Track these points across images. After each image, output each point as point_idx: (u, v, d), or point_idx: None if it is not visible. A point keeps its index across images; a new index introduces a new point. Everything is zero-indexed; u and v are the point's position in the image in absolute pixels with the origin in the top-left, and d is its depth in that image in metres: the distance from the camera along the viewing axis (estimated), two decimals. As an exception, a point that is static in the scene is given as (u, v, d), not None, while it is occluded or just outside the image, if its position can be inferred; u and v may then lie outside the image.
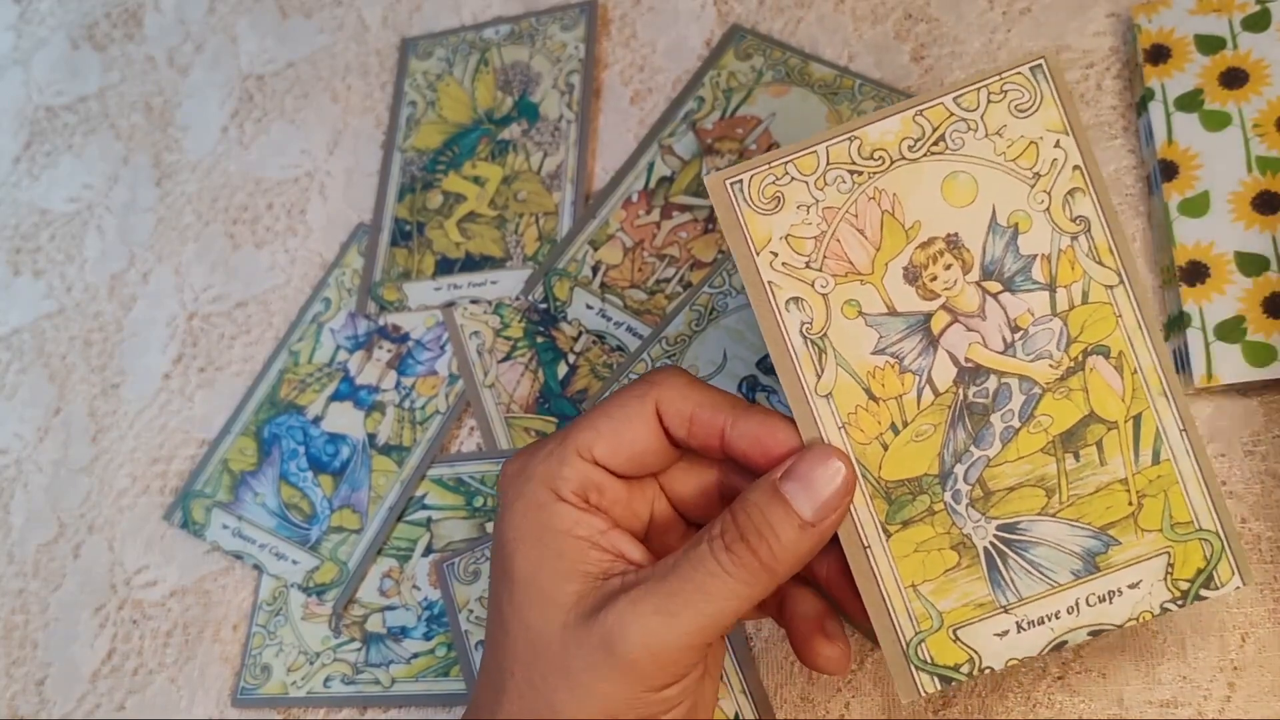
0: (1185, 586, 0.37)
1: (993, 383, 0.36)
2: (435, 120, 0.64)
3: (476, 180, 0.61)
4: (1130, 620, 0.37)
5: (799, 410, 0.37)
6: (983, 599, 0.37)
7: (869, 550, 0.37)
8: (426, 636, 0.52)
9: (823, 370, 0.37)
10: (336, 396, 0.58)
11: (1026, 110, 0.37)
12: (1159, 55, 0.51)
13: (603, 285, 0.57)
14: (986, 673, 0.37)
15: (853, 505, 0.36)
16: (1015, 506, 0.37)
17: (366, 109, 0.66)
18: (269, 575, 0.55)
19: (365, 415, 0.57)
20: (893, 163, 0.37)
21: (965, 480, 0.37)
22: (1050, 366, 0.36)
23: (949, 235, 0.37)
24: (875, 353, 0.37)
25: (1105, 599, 0.37)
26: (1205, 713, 0.43)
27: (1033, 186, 0.37)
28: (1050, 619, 0.37)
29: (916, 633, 0.37)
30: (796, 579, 0.40)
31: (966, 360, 0.36)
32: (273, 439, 0.58)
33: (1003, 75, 0.37)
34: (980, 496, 0.37)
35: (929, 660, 0.37)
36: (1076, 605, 0.37)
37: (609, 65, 0.63)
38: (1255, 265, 0.47)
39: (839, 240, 0.37)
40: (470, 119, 0.63)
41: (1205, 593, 0.37)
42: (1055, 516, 0.37)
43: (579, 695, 0.35)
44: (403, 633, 0.53)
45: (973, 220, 0.37)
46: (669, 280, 0.56)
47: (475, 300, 0.58)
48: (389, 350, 0.59)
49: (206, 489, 0.58)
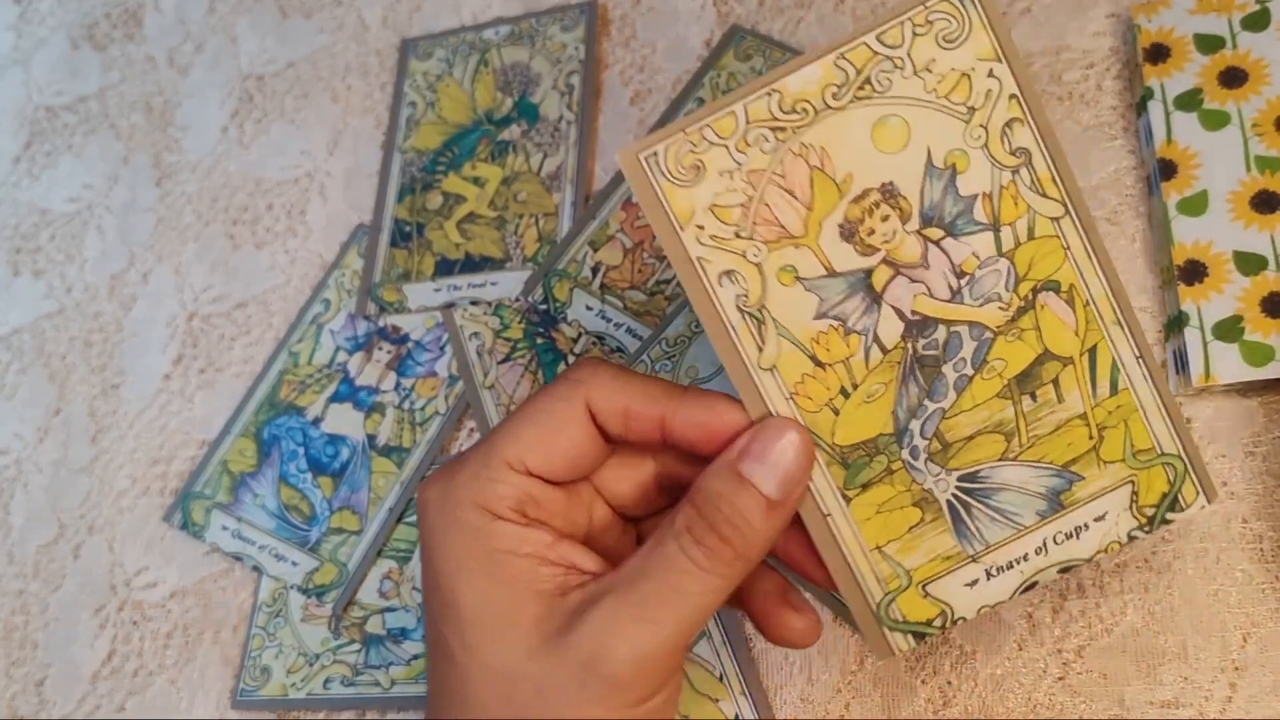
0: (1151, 512, 0.37)
1: (942, 333, 0.35)
2: (435, 121, 0.64)
3: (476, 181, 0.61)
4: (1099, 552, 0.37)
5: (744, 387, 0.35)
6: (950, 551, 0.36)
7: (830, 518, 0.36)
8: (427, 638, 0.52)
9: (764, 343, 0.35)
10: (336, 398, 0.58)
11: (955, 40, 0.35)
12: (1158, 55, 0.51)
13: (602, 286, 0.57)
14: (959, 623, 0.37)
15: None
16: (975, 455, 0.36)
17: (366, 109, 0.66)
18: (269, 577, 0.55)
19: (365, 416, 0.57)
20: (818, 114, 0.34)
21: (922, 435, 0.36)
22: (1000, 309, 0.35)
23: (884, 185, 0.35)
24: (818, 318, 0.35)
25: (1072, 535, 0.37)
26: (1207, 713, 0.43)
27: (968, 122, 0.35)
28: (1019, 562, 0.37)
29: (886, 594, 0.37)
30: None
31: (913, 313, 0.35)
32: (272, 440, 0.58)
33: (927, 4, 0.34)
34: (939, 450, 0.36)
35: (901, 619, 0.37)
36: (1044, 545, 0.37)
37: (609, 66, 0.63)
38: (1253, 265, 0.47)
39: (768, 204, 0.35)
40: (470, 120, 0.63)
41: (1171, 515, 0.37)
42: (1016, 460, 0.36)
43: None
44: (403, 634, 0.53)
45: (908, 166, 0.34)
46: (669, 281, 0.56)
47: (475, 301, 0.58)
48: (389, 351, 0.59)
49: (206, 490, 0.58)
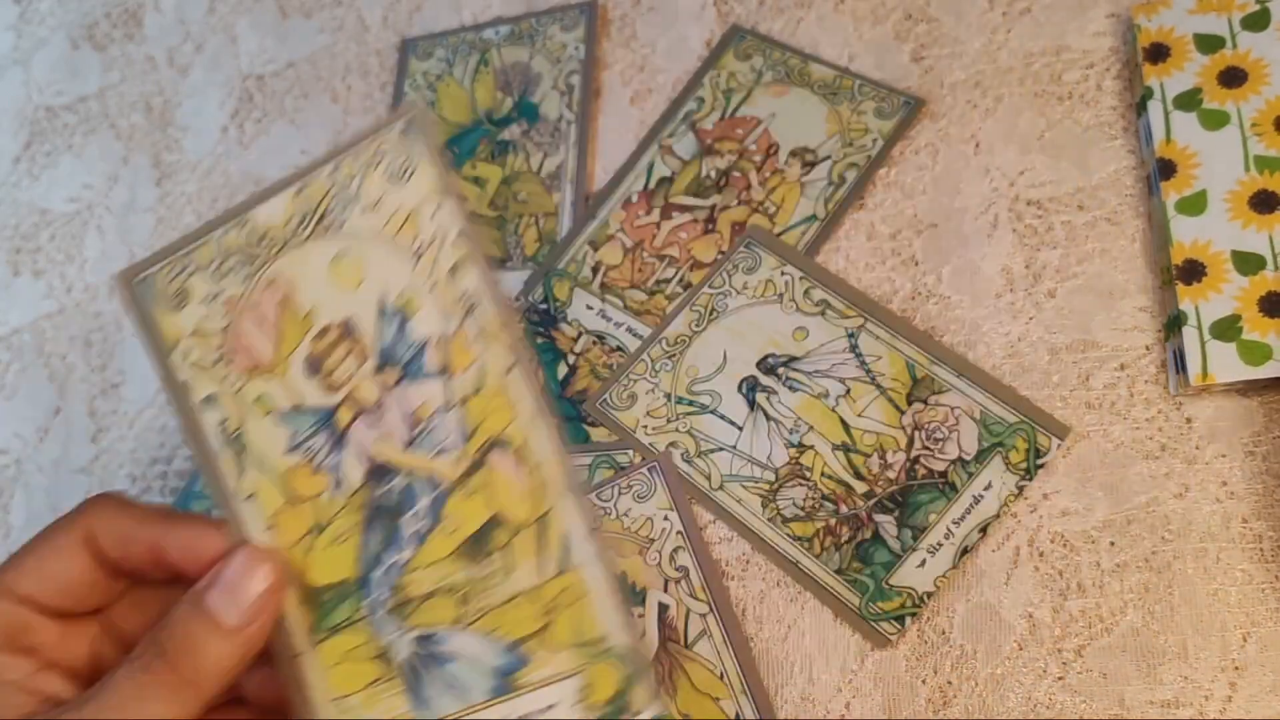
0: (603, 711, 0.33)
1: (400, 481, 0.34)
2: (435, 121, 0.64)
3: (476, 181, 0.61)
4: None
5: (226, 514, 0.35)
6: (405, 715, 0.34)
7: (298, 658, 0.34)
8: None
9: (243, 471, 0.35)
10: (336, 397, 0.58)
11: (402, 176, 0.34)
12: (1158, 54, 0.51)
13: (603, 286, 0.57)
14: None
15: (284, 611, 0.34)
16: (431, 616, 0.34)
17: (367, 109, 0.66)
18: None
19: (365, 415, 0.57)
20: (284, 245, 0.35)
21: (382, 586, 0.34)
22: (453, 462, 0.34)
23: (343, 322, 0.34)
24: (289, 451, 0.35)
25: None
26: (1207, 713, 0.43)
27: (418, 262, 0.34)
28: None
29: None
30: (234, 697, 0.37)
31: (374, 459, 0.34)
32: (272, 439, 0.58)
33: (376, 137, 0.34)
34: (398, 604, 0.34)
35: None
36: None
37: (609, 66, 0.63)
38: (1252, 264, 0.47)
39: (242, 333, 0.35)
40: (470, 119, 0.63)
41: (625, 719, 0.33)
42: (468, 628, 0.34)
43: None
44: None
45: (364, 304, 0.34)
46: (669, 281, 0.56)
47: (475, 300, 0.58)
48: (389, 350, 0.58)
49: (206, 489, 0.58)
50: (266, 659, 0.35)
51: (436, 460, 0.34)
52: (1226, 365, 0.45)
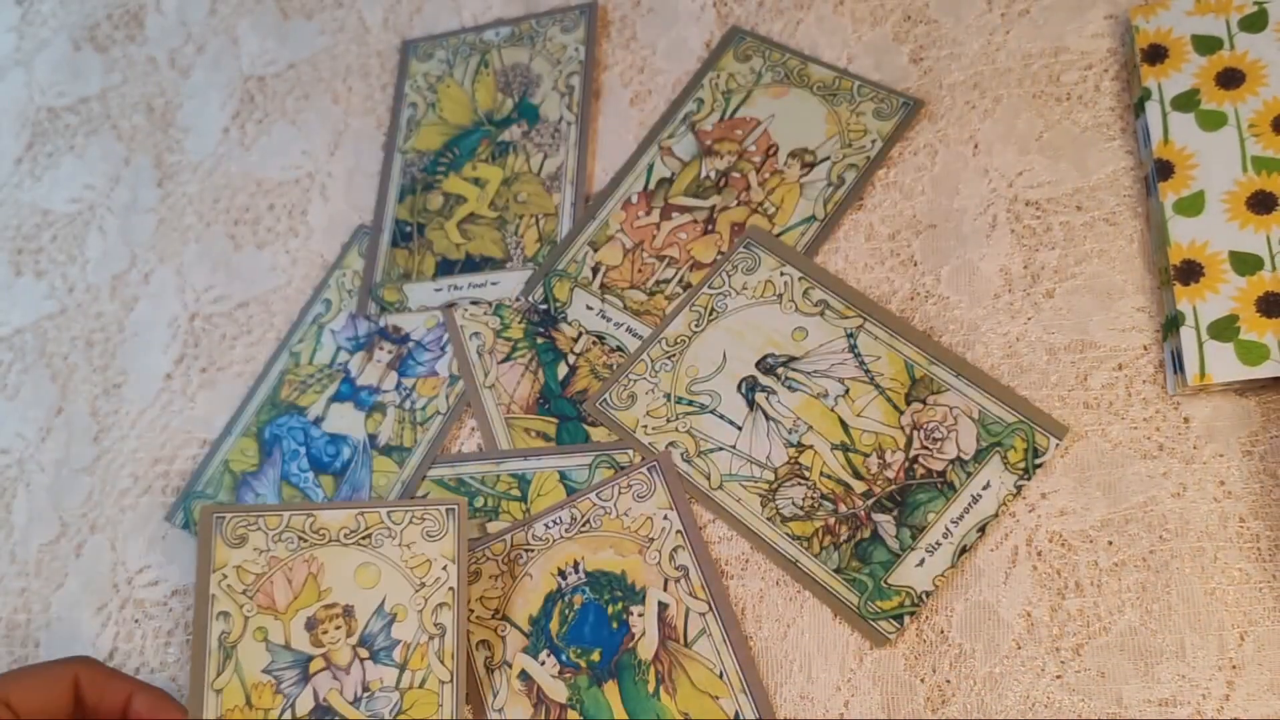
0: None
1: None
2: (436, 122, 0.64)
3: (477, 182, 0.62)
4: None
5: (193, 695, 0.47)
6: None
7: None
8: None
9: (223, 670, 0.47)
10: (337, 397, 0.58)
11: (435, 536, 0.49)
12: (1156, 55, 0.52)
13: (603, 286, 0.57)
14: None
15: None
16: None
17: (367, 110, 0.66)
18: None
19: (366, 416, 0.57)
20: (330, 540, 0.49)
21: None
22: None
23: (346, 605, 0.48)
24: (264, 670, 0.47)
25: None
26: (1204, 711, 0.43)
27: (418, 591, 0.48)
28: None
29: None
30: None
31: (324, 700, 0.47)
32: (274, 440, 0.58)
33: (426, 507, 0.49)
34: None
35: None
36: None
37: (609, 67, 0.63)
38: (1249, 265, 0.47)
39: (272, 582, 0.48)
40: (470, 120, 0.63)
41: None
42: None
43: None
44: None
45: (368, 600, 0.48)
46: (669, 281, 0.56)
47: (475, 301, 0.58)
48: (389, 351, 0.59)
49: (208, 490, 0.58)
50: None
51: None
52: (1224, 365, 0.46)
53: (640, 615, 0.49)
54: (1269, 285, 0.46)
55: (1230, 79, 0.50)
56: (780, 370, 0.52)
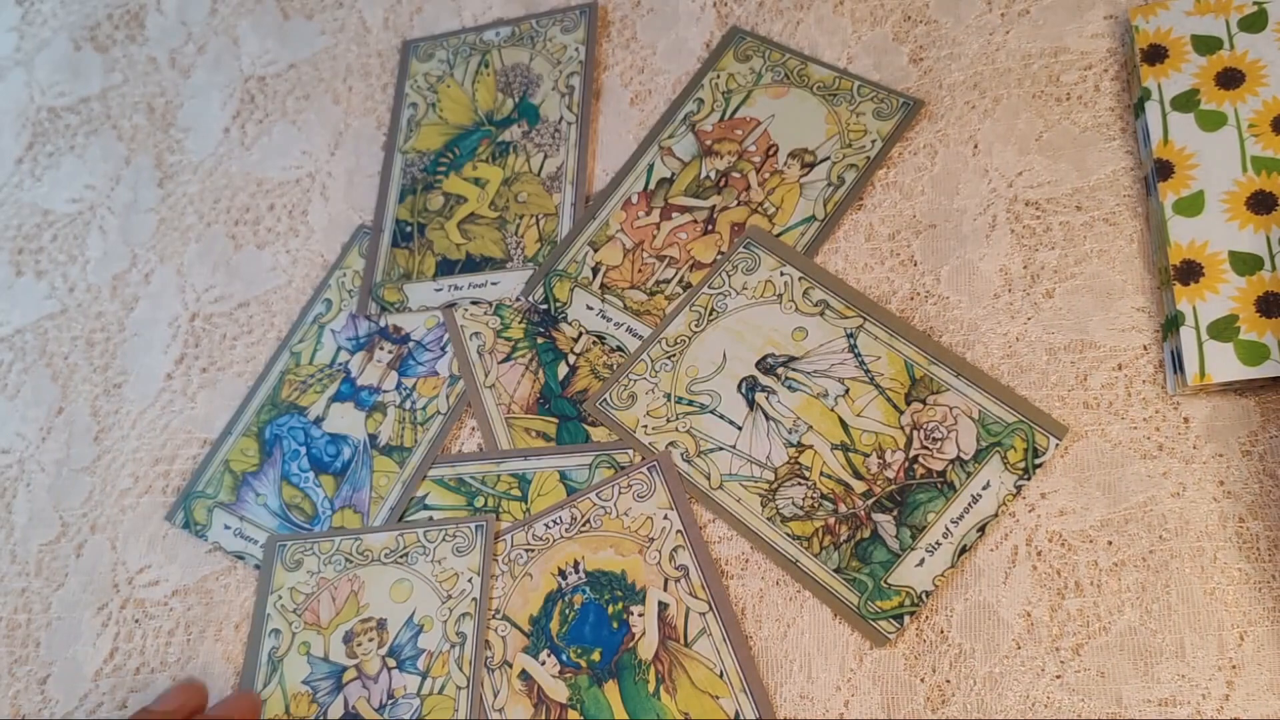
0: None
1: None
2: (436, 122, 0.64)
3: (477, 182, 0.62)
4: None
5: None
6: None
7: None
8: (427, 636, 0.53)
9: (270, 682, 0.52)
10: (338, 397, 0.58)
11: (464, 551, 0.52)
12: (1156, 55, 0.52)
13: (603, 286, 0.57)
14: None
15: None
16: None
17: (368, 110, 0.66)
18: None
19: (366, 416, 0.57)
20: (372, 561, 0.53)
21: None
22: None
23: (380, 619, 0.52)
24: (304, 682, 0.51)
25: None
26: (1204, 711, 0.43)
27: (444, 603, 0.51)
28: None
29: None
30: None
31: (352, 708, 0.50)
32: (274, 439, 0.58)
33: (458, 525, 0.52)
34: None
35: None
36: None
37: (609, 67, 0.63)
38: (1249, 265, 0.47)
39: (319, 600, 0.53)
40: (471, 121, 0.63)
41: None
42: None
43: None
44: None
45: (399, 614, 0.52)
46: (669, 281, 0.56)
47: (476, 301, 0.58)
48: (390, 351, 0.59)
49: (208, 489, 0.58)
50: None
51: None
52: (1224, 365, 0.46)
53: (640, 615, 0.49)
54: (1269, 285, 0.46)
55: (1230, 79, 0.50)
56: (780, 370, 0.52)
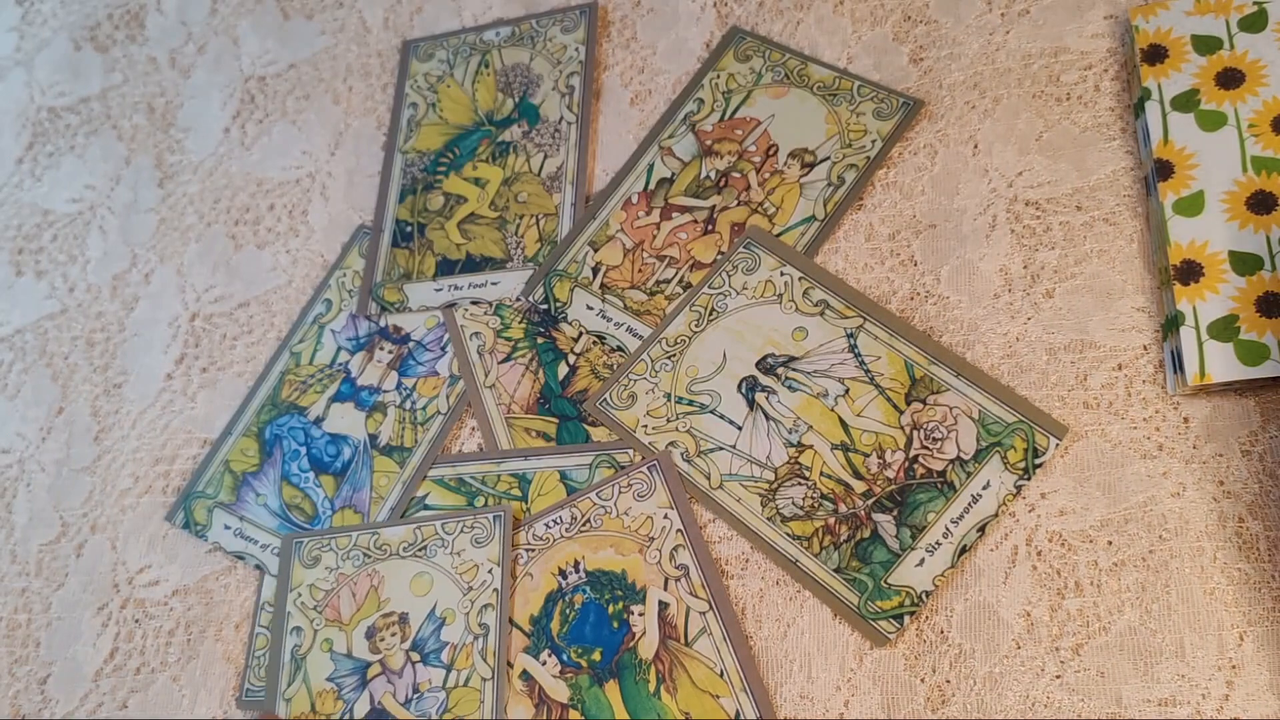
0: None
1: None
2: (436, 122, 0.64)
3: (477, 182, 0.62)
4: None
5: (268, 700, 0.51)
6: None
7: None
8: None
9: (294, 681, 0.51)
10: (338, 397, 0.58)
11: (483, 542, 0.52)
12: (1156, 55, 0.52)
13: (603, 286, 0.57)
14: None
15: None
16: None
17: (368, 110, 0.66)
18: (271, 576, 0.55)
19: (366, 416, 0.57)
20: (390, 555, 0.53)
21: None
22: None
23: (402, 613, 0.51)
24: (328, 679, 0.51)
25: None
26: (1204, 711, 0.43)
27: (465, 595, 0.51)
28: None
29: None
30: None
31: (378, 704, 0.50)
32: (274, 440, 0.58)
33: (476, 515, 0.52)
34: None
35: None
36: None
37: (609, 67, 0.63)
38: (1249, 265, 0.47)
39: (339, 596, 0.52)
40: (471, 121, 0.63)
41: None
42: None
43: None
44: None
45: (421, 607, 0.51)
46: (669, 281, 0.56)
47: (476, 301, 0.58)
48: (390, 351, 0.59)
49: (208, 489, 0.58)
50: None
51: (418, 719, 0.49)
52: (1224, 365, 0.46)
53: (641, 614, 0.49)
54: (1269, 285, 0.46)
55: (1230, 79, 0.50)
56: (780, 370, 0.52)
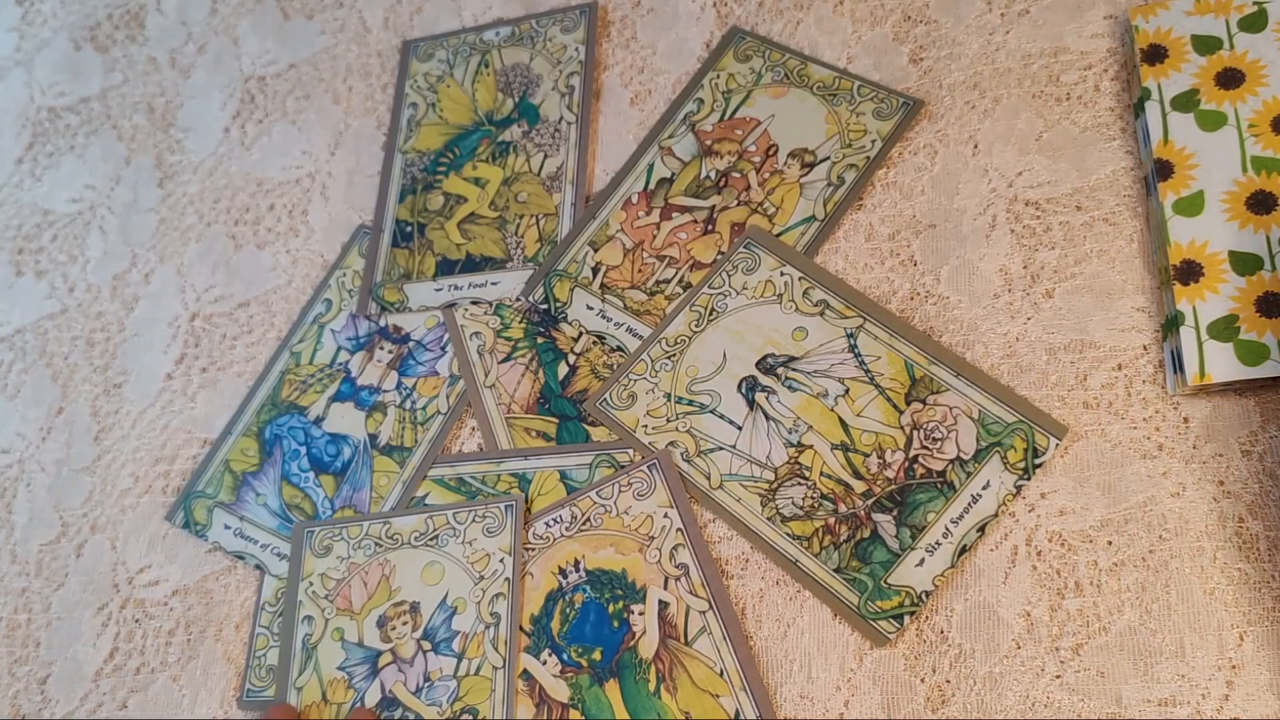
0: None
1: (399, 713, 0.49)
2: (436, 122, 0.64)
3: (477, 182, 0.62)
4: None
5: (279, 691, 0.51)
6: None
7: None
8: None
9: (305, 669, 0.51)
10: (338, 397, 0.58)
11: (494, 531, 0.51)
12: (1156, 55, 0.52)
13: (603, 286, 0.57)
14: None
15: None
16: None
17: (368, 110, 0.66)
18: (271, 576, 0.55)
19: (366, 416, 0.57)
20: (402, 545, 0.53)
21: None
22: (438, 713, 0.49)
23: (413, 602, 0.51)
24: (339, 668, 0.51)
25: None
26: (1204, 711, 0.43)
27: (476, 584, 0.51)
28: None
29: None
30: None
31: (389, 693, 0.50)
32: (274, 439, 0.58)
33: (488, 505, 0.52)
34: None
35: None
36: None
37: (609, 67, 0.63)
38: (1249, 265, 0.47)
39: (350, 585, 0.52)
40: (471, 121, 0.63)
41: None
42: None
43: None
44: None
45: (432, 596, 0.51)
46: (669, 281, 0.56)
47: (476, 301, 0.58)
48: (390, 351, 0.59)
49: (208, 489, 0.58)
50: None
51: (429, 709, 0.49)
52: (1224, 365, 0.46)
53: (641, 614, 0.49)
54: (1269, 285, 0.46)
55: (1230, 79, 0.50)
56: (780, 370, 0.52)
